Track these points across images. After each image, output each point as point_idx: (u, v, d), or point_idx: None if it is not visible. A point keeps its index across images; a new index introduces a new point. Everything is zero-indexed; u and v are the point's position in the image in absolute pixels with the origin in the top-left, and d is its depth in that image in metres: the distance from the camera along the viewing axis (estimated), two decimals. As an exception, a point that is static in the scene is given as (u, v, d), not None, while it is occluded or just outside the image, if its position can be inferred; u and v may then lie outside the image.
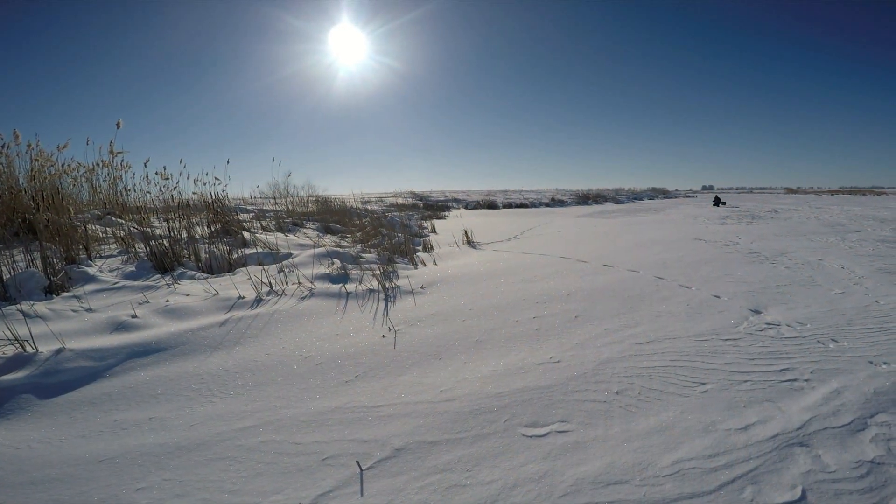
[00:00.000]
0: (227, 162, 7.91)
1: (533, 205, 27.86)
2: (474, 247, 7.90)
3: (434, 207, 21.76)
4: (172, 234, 5.35)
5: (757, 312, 3.72)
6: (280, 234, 7.25)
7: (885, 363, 2.69)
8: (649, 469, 1.77)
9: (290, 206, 10.80)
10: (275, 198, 12.12)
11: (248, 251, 5.61)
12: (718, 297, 4.21)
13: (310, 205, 11.33)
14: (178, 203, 6.27)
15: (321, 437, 2.01)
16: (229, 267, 5.04)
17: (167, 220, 5.55)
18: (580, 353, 2.88)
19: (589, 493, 1.64)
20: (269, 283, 4.15)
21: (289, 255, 5.55)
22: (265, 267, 4.85)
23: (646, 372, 2.60)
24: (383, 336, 3.20)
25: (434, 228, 11.66)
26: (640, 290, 4.47)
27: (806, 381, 2.48)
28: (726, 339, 3.10)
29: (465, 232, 8.86)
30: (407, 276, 5.01)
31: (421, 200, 24.79)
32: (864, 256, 6.42)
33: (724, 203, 25.00)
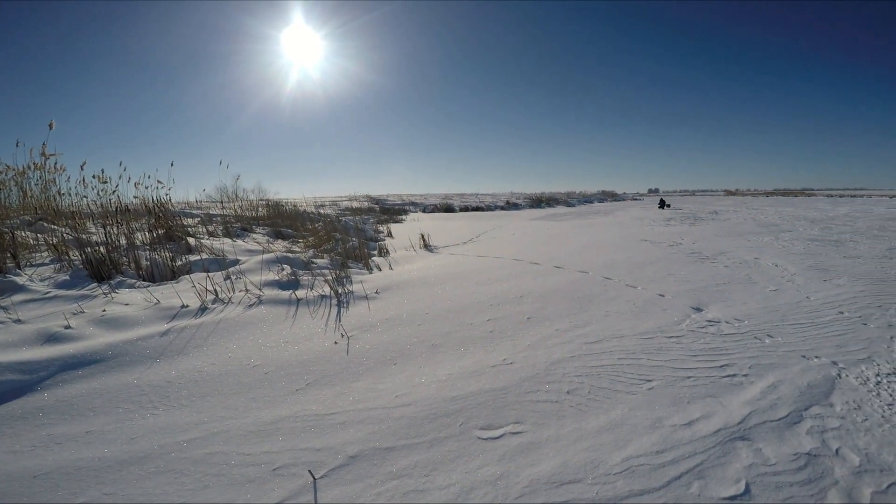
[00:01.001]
0: (171, 164, 7.58)
1: (489, 208, 28.15)
2: (431, 250, 7.89)
3: (391, 211, 21.61)
4: (110, 240, 5.07)
5: (698, 310, 3.88)
6: (228, 240, 7.01)
7: (816, 357, 2.86)
8: (601, 467, 1.81)
9: (238, 211, 10.46)
10: (222, 202, 11.72)
11: (192, 258, 5.39)
12: (663, 295, 4.37)
13: (260, 209, 11.01)
14: (117, 208, 5.96)
15: (271, 448, 1.95)
16: (172, 275, 4.83)
17: (105, 226, 5.26)
18: (532, 355, 2.92)
19: (544, 494, 1.66)
20: (215, 290, 4.00)
21: (236, 262, 5.36)
22: (211, 274, 4.67)
23: (595, 371, 2.66)
24: (336, 342, 3.14)
25: (390, 232, 11.59)
26: (589, 290, 4.58)
27: (745, 375, 2.61)
28: (670, 337, 3.22)
29: (422, 236, 8.83)
30: (361, 280, 4.95)
31: (377, 204, 24.57)
32: (796, 255, 6.84)
33: (668, 205, 26.05)
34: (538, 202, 33.98)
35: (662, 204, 25.27)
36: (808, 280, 5.03)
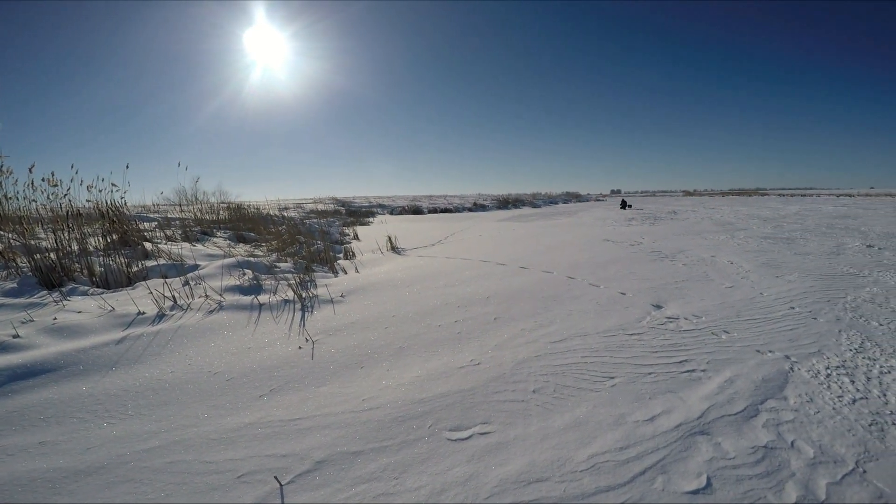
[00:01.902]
0: (127, 167, 7.29)
1: (457, 209, 28.25)
2: (399, 253, 7.86)
3: (357, 214, 21.41)
4: (61, 246, 4.85)
5: (658, 307, 3.99)
6: (187, 244, 6.81)
7: (770, 351, 2.97)
8: (567, 465, 1.83)
9: (198, 214, 10.17)
10: (181, 205, 11.38)
11: (149, 263, 5.21)
12: (624, 294, 4.47)
13: (221, 212, 10.74)
14: (68, 212, 5.70)
15: (235, 455, 1.91)
16: (128, 281, 4.66)
17: (55, 232, 5.02)
18: (499, 355, 2.94)
19: (513, 493, 1.68)
20: (174, 296, 3.88)
21: (196, 267, 5.22)
22: (169, 280, 4.53)
23: (560, 369, 2.70)
24: (300, 347, 3.09)
25: (357, 235, 11.48)
26: (553, 290, 4.65)
27: (703, 371, 2.69)
28: (632, 334, 3.29)
29: (389, 238, 8.79)
30: (326, 284, 4.89)
31: (343, 207, 24.30)
32: (750, 252, 7.11)
33: (630, 206, 26.72)
34: (505, 203, 34.34)
35: (624, 204, 25.89)
36: (761, 277, 5.24)
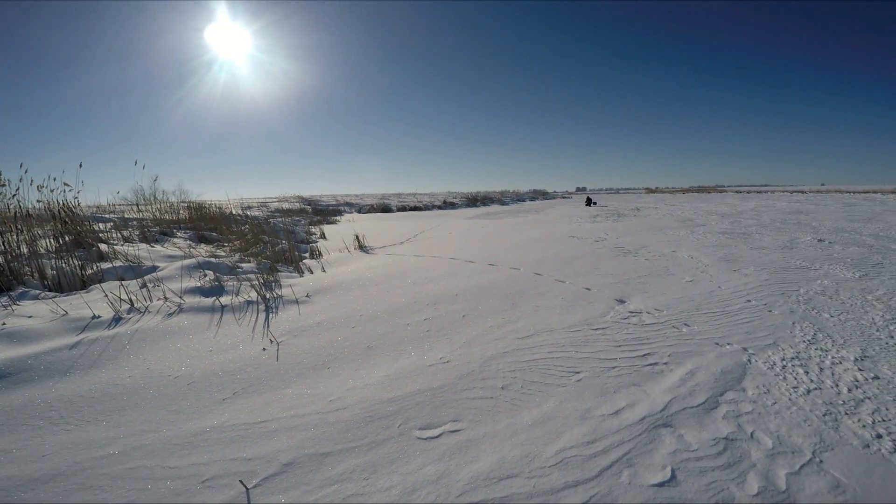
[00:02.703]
0: (80, 166, 6.99)
1: (426, 207, 28.23)
2: (367, 251, 7.78)
3: (324, 212, 21.12)
4: (9, 248, 4.62)
5: (622, 302, 4.08)
6: (145, 245, 6.59)
7: (728, 344, 3.07)
8: (536, 461, 1.85)
9: (157, 214, 9.85)
10: (139, 205, 10.99)
11: (105, 266, 5.01)
12: (589, 289, 4.55)
13: (181, 211, 10.43)
14: (17, 213, 5.43)
15: (198, 459, 1.86)
16: (82, 284, 4.47)
17: (2, 234, 4.78)
18: (468, 352, 2.95)
19: (484, 490, 1.68)
20: (130, 299, 3.74)
21: (154, 268, 5.05)
22: (126, 282, 4.37)
23: (527, 365, 2.73)
24: (264, 349, 3.03)
25: (324, 234, 11.32)
26: (520, 286, 4.69)
27: (665, 364, 2.76)
28: (596, 329, 3.35)
29: (357, 237, 8.69)
30: (291, 284, 4.80)
31: (310, 205, 23.93)
32: (709, 247, 7.35)
33: (595, 203, 27.24)
34: (474, 201, 34.53)
35: (589, 202, 26.37)
36: (719, 271, 5.41)
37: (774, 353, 2.90)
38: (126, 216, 9.34)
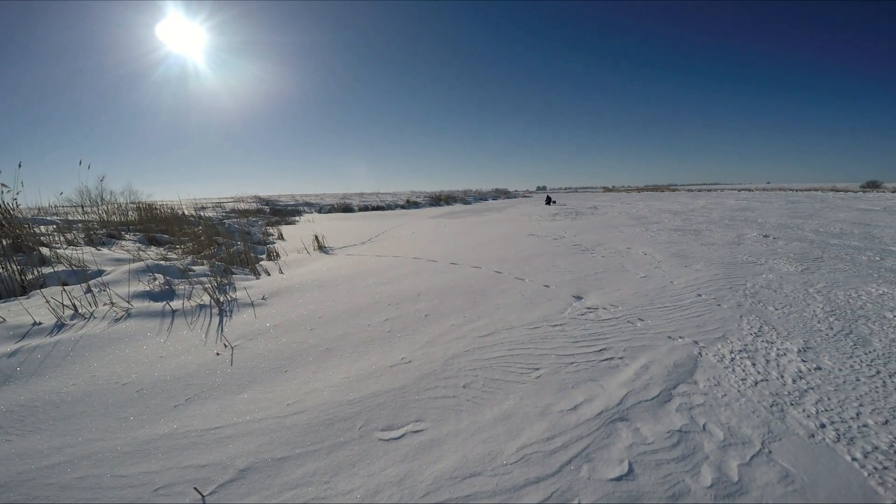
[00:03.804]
0: (20, 166, 6.60)
1: (389, 207, 28.03)
2: (326, 252, 7.66)
3: (283, 213, 20.65)
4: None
5: (579, 298, 4.16)
6: (91, 249, 6.28)
7: (680, 337, 3.17)
8: (498, 458, 1.86)
9: (104, 216, 9.42)
10: (84, 206, 10.48)
11: (46, 270, 4.75)
12: (548, 286, 4.62)
13: (130, 213, 10.00)
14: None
15: (150, 468, 1.80)
16: (22, 290, 4.22)
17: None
18: (430, 352, 2.94)
19: (448, 490, 1.68)
20: (74, 305, 3.55)
21: (100, 273, 4.81)
22: (69, 287, 4.15)
23: (488, 363, 2.74)
24: (217, 354, 2.94)
25: (281, 235, 11.07)
26: (482, 285, 4.72)
27: (620, 358, 2.83)
28: (555, 325, 3.41)
29: (317, 237, 8.55)
30: (246, 287, 4.67)
31: (268, 205, 23.35)
32: (662, 244, 7.60)
33: (554, 202, 27.72)
34: (438, 200, 34.55)
35: (549, 200, 26.81)
36: (672, 266, 5.60)
37: (724, 346, 3.01)
38: (70, 218, 8.89)
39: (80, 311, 3.53)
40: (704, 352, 2.92)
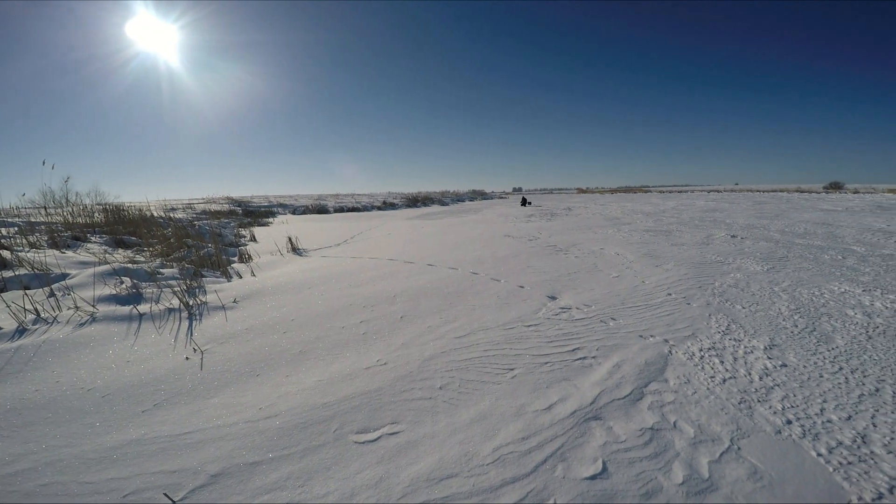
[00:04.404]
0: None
1: (365, 208, 27.83)
2: (300, 254, 7.57)
3: (256, 214, 20.27)
4: None
5: (553, 298, 4.21)
6: (55, 251, 6.07)
7: (651, 336, 3.23)
8: (474, 459, 1.86)
9: (69, 217, 9.12)
10: (48, 207, 10.14)
11: (7, 274, 4.57)
12: (522, 287, 4.66)
13: (96, 215, 9.71)
14: None
15: (118, 474, 1.76)
16: (-20, 294, 4.05)
17: None
18: (406, 353, 2.93)
19: (425, 492, 1.67)
20: (36, 309, 3.43)
21: (65, 276, 4.65)
22: (31, 291, 4.01)
23: (464, 364, 2.75)
24: (187, 358, 2.88)
25: (254, 237, 10.89)
26: (458, 286, 4.73)
27: (593, 357, 2.86)
28: (529, 326, 3.44)
29: (290, 239, 8.44)
30: (217, 290, 4.58)
31: (240, 206, 22.91)
32: (634, 244, 7.73)
33: (530, 203, 27.95)
34: (415, 202, 34.46)
35: (524, 202, 27.02)
36: (643, 266, 5.71)
37: (693, 344, 3.07)
38: (33, 220, 8.59)
39: (42, 315, 3.41)
40: (675, 350, 2.98)
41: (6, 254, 5.31)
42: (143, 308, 3.76)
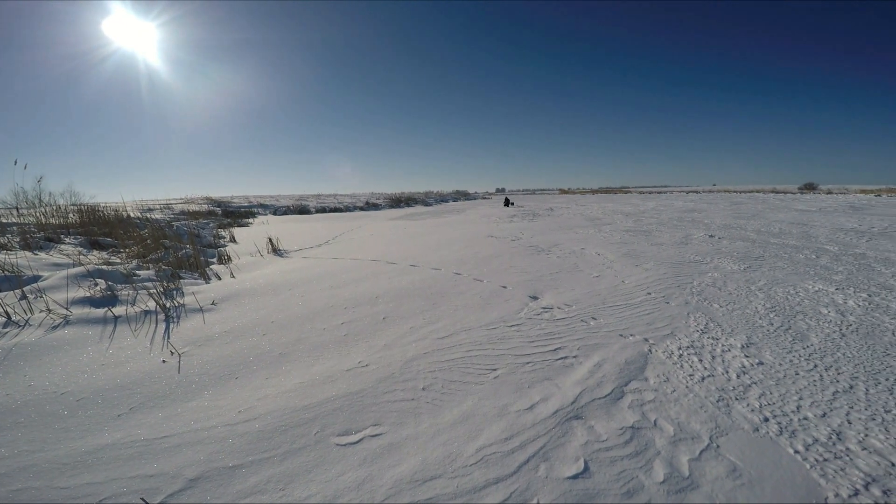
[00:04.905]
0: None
1: (348, 209, 27.65)
2: (281, 255, 7.48)
3: (235, 214, 19.99)
4: None
5: (535, 298, 4.23)
6: (27, 253, 5.91)
7: (631, 335, 3.26)
8: (458, 460, 1.85)
9: (42, 218, 8.89)
10: (19, 208, 9.87)
11: (-24, 275, 4.44)
12: (505, 287, 4.67)
13: (70, 215, 9.48)
14: None
15: (94, 478, 1.72)
16: (-53, 296, 3.93)
17: None
18: (388, 355, 2.91)
19: (409, 493, 1.66)
20: (7, 312, 3.34)
21: (37, 278, 4.53)
22: (1, 294, 3.89)
23: (447, 365, 2.74)
24: (164, 361, 2.82)
25: (233, 238, 10.73)
26: (441, 286, 4.73)
27: (574, 357, 2.88)
28: (511, 326, 3.45)
29: (270, 240, 8.34)
30: (195, 292, 4.51)
31: (220, 207, 22.57)
32: (614, 244, 7.81)
33: (512, 203, 28.08)
34: (398, 202, 34.38)
35: (507, 202, 27.14)
36: (623, 266, 5.77)
37: (672, 343, 3.11)
38: (4, 221, 8.35)
39: (13, 318, 3.32)
40: (654, 349, 3.01)
41: (-25, 255, 5.15)
42: (119, 310, 3.68)
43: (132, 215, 12.16)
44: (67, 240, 7.47)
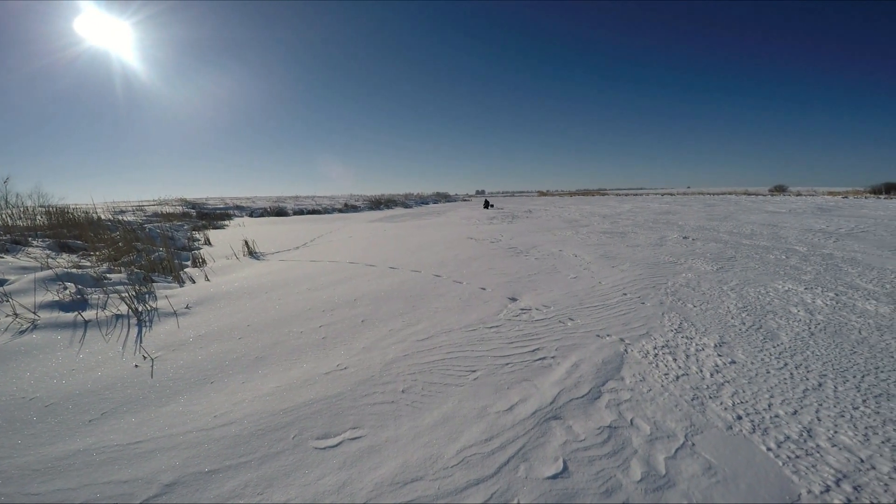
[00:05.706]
0: None
1: (326, 211, 27.37)
2: (257, 258, 7.38)
3: (211, 216, 19.63)
4: None
5: (514, 300, 4.26)
6: (-8, 255, 5.72)
7: (608, 335, 3.31)
8: (439, 462, 1.85)
9: (8, 220, 8.61)
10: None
11: (-63, 279, 4.28)
12: (484, 289, 4.70)
13: (39, 217, 9.20)
14: None
15: (65, 484, 1.68)
16: None
17: None
18: (367, 357, 2.90)
19: (390, 496, 1.66)
20: (-29, 317, 3.22)
21: (3, 282, 4.39)
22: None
23: (427, 367, 2.74)
24: (136, 366, 2.77)
25: (209, 240, 10.55)
26: (420, 289, 4.72)
27: (552, 357, 2.91)
28: (491, 327, 3.47)
29: (246, 242, 8.22)
30: (168, 296, 4.42)
31: (194, 209, 22.13)
32: (591, 246, 7.91)
33: (492, 205, 28.20)
34: (378, 204, 34.19)
35: (487, 204, 27.24)
36: (600, 267, 5.84)
37: (647, 343, 3.16)
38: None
39: (-23, 323, 3.21)
40: (630, 349, 3.06)
41: (-64, 259, 4.97)
42: (89, 315, 3.59)
43: (103, 217, 11.85)
44: (35, 242, 7.25)
